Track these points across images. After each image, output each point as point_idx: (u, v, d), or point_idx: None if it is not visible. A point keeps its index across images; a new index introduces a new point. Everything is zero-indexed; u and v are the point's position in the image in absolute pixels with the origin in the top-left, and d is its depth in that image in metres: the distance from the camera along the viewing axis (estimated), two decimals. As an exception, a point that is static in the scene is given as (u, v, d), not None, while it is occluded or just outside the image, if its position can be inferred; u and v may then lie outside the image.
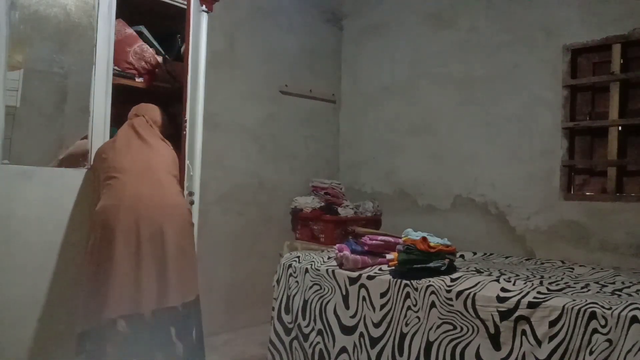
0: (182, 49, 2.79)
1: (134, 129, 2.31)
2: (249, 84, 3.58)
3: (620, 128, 2.87)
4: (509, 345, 1.86)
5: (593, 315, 1.71)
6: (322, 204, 3.73)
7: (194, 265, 2.20)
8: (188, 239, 2.19)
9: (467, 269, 2.40)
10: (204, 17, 2.59)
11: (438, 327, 2.05)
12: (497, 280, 2.08)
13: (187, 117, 2.32)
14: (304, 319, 2.51)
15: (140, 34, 2.76)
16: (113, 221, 2.02)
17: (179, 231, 2.12)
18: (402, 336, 2.15)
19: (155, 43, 2.85)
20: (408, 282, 2.16)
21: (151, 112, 2.43)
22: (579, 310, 1.74)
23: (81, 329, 2.02)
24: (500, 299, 1.91)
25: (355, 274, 2.35)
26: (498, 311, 1.90)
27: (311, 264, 2.54)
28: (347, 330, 2.33)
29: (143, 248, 2.02)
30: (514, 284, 2.03)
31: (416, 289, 2.13)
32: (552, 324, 1.78)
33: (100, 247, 2.02)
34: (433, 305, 2.07)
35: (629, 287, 2.07)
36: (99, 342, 1.98)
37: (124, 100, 2.52)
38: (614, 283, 2.16)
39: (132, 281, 2.00)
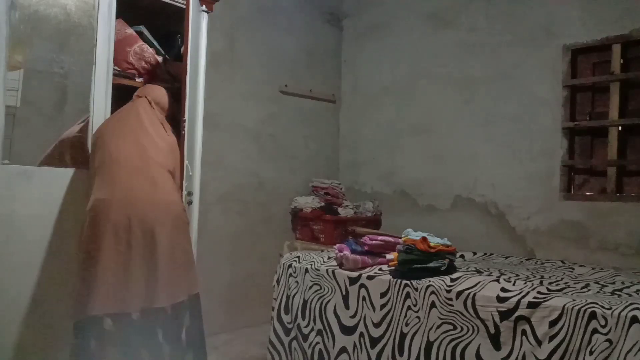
0: (182, 49, 2.79)
1: (136, 112, 2.27)
2: (249, 84, 3.58)
3: (620, 128, 2.87)
4: (509, 345, 1.86)
5: (593, 315, 1.71)
6: (322, 204, 3.73)
7: (189, 264, 2.15)
8: (182, 238, 2.13)
9: (467, 269, 2.40)
10: (204, 17, 2.60)
11: (438, 327, 2.05)
12: (497, 280, 2.08)
13: (186, 117, 2.32)
14: (303, 319, 2.50)
15: (140, 34, 2.76)
16: (104, 218, 1.98)
17: (172, 230, 2.06)
18: (402, 336, 2.15)
19: (155, 43, 2.85)
20: (408, 282, 2.16)
21: (155, 92, 2.39)
22: (579, 310, 1.74)
23: (74, 319, 1.99)
24: (500, 299, 1.91)
25: (355, 274, 2.34)
26: (498, 311, 1.90)
27: (311, 264, 2.54)
28: (347, 330, 2.33)
29: (134, 247, 1.98)
30: (514, 284, 2.03)
31: (416, 289, 2.13)
32: (552, 323, 1.78)
33: (91, 242, 1.98)
34: (433, 305, 2.07)
35: (629, 287, 2.07)
36: (85, 337, 1.94)
37: (124, 100, 2.51)
38: (614, 283, 2.16)
39: (120, 280, 1.95)
